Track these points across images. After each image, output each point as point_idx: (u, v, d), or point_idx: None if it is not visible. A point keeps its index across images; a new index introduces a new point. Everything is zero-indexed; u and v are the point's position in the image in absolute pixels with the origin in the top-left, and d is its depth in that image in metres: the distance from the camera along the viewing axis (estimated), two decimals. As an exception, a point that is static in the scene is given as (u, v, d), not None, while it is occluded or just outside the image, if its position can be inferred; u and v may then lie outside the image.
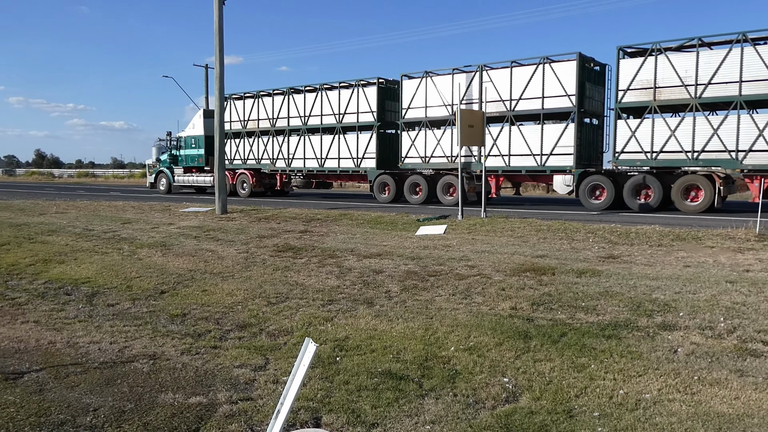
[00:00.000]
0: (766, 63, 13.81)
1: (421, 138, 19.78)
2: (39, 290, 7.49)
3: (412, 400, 3.95)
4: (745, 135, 14.22)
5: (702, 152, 14.80)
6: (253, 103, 25.09)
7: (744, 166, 14.26)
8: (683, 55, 15.09)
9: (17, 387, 4.22)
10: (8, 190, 32.62)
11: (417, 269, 8.07)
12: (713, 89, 14.58)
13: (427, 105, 19.47)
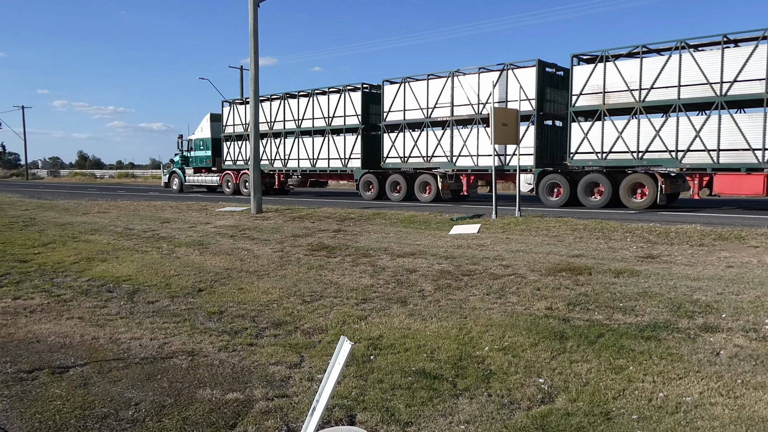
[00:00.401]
0: (702, 68, 14.70)
1: (401, 139, 21.18)
2: (83, 287, 7.73)
3: (446, 400, 3.94)
4: (683, 136, 15.20)
5: (646, 152, 15.83)
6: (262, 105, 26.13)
7: (683, 165, 15.25)
8: (629, 62, 16.02)
9: (63, 381, 4.37)
10: (53, 191, 33.73)
11: (451, 268, 8.04)
12: (655, 93, 15.52)
13: (405, 108, 20.81)
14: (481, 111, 18.71)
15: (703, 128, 14.90)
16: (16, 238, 12.14)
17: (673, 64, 15.16)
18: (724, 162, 14.62)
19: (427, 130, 20.33)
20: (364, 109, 22.31)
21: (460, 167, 19.53)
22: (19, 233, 12.94)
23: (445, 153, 19.94)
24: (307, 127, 24.26)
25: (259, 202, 16.54)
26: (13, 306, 6.74)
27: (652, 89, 15.57)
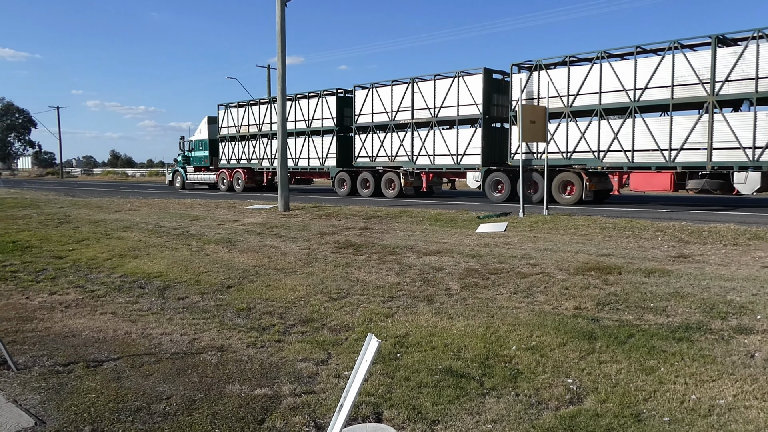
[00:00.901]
0: (619, 76, 16.14)
1: (369, 140, 22.97)
2: (115, 283, 7.90)
3: (473, 399, 3.93)
4: (604, 138, 16.67)
5: (574, 153, 17.30)
6: (245, 111, 28.88)
7: (604, 164, 16.78)
8: (559, 70, 17.45)
9: (97, 374, 4.48)
10: (87, 189, 34.52)
11: (477, 267, 8.01)
12: (581, 99, 17.00)
13: (373, 112, 22.65)
14: (437, 114, 20.46)
15: (620, 131, 16.36)
16: (51, 235, 12.47)
17: (595, 73, 16.62)
18: (637, 161, 16.12)
19: (391, 132, 22.07)
20: (339, 113, 24.18)
21: (420, 166, 21.37)
22: (54, 230, 13.29)
23: (407, 153, 21.67)
24: (291, 129, 25.61)
25: (287, 200, 16.68)
26: (49, 301, 6.93)
27: (579, 95, 17.02)
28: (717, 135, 14.66)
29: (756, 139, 14.05)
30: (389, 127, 22.10)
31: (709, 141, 14.81)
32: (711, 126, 14.75)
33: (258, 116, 28.19)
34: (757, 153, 14.04)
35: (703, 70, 14.80)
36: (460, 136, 19.99)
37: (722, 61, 14.47)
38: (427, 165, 21.09)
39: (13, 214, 17.22)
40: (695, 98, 14.95)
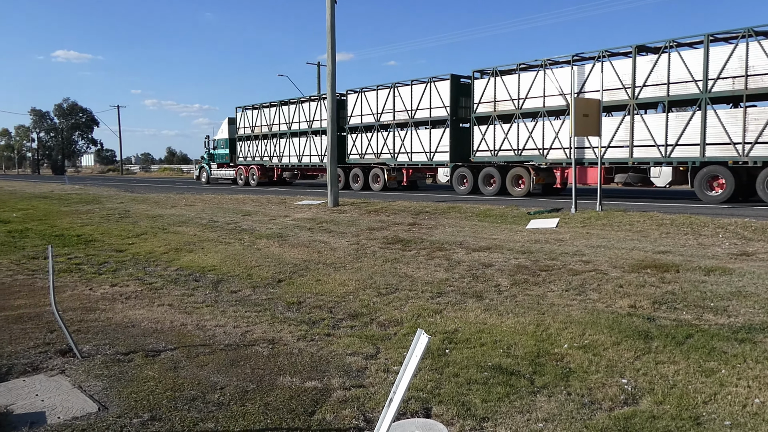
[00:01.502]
0: (559, 82, 18.08)
1: (359, 140, 25.62)
2: (172, 276, 8.17)
3: (523, 396, 3.88)
4: (547, 137, 18.57)
5: (523, 150, 19.31)
6: (258, 113, 31.79)
7: (547, 160, 18.63)
8: (511, 77, 19.57)
9: (155, 363, 4.65)
10: (145, 185, 35.80)
11: (528, 263, 7.88)
12: (529, 102, 19.01)
13: (362, 113, 25.30)
14: (413, 116, 22.92)
15: (560, 131, 18.20)
16: (112, 230, 13.00)
17: (540, 79, 18.65)
18: (578, 158, 17.67)
19: (377, 132, 24.77)
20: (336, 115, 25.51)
21: (400, 162, 23.95)
22: (115, 225, 13.85)
23: (390, 151, 24.29)
24: (295, 129, 29.08)
25: (336, 196, 16.84)
26: (110, 292, 7.23)
27: (527, 99, 19.06)
28: (637, 134, 16.58)
29: (668, 138, 15.94)
30: (375, 127, 24.74)
31: (630, 140, 16.70)
32: (632, 126, 16.60)
33: (269, 118, 30.93)
34: (669, 150, 15.93)
35: (625, 76, 16.60)
36: (432, 135, 22.41)
37: (641, 68, 16.28)
38: (406, 162, 23.71)
39: (78, 209, 18.04)
40: (620, 101, 16.78)
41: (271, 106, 30.70)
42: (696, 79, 15.23)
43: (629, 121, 16.58)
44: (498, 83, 19.82)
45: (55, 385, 4.21)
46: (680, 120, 15.72)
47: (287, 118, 29.60)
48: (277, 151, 30.52)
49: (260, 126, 31.55)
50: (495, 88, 19.92)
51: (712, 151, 15.17)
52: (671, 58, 15.60)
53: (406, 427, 3.41)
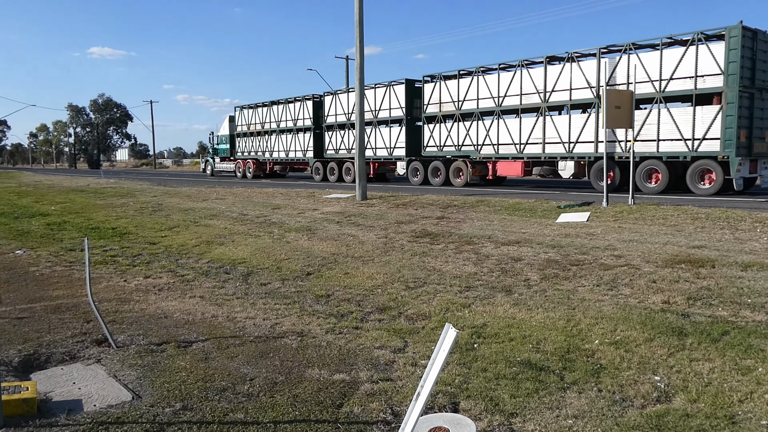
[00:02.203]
0: (489, 88, 20.65)
1: (335, 137, 28.35)
2: (203, 269, 8.30)
3: (552, 393, 3.84)
4: (480, 135, 21.18)
5: (462, 146, 21.92)
6: (253, 112, 34.65)
7: (480, 155, 21.23)
8: (452, 81, 22.04)
9: (187, 354, 4.73)
10: (177, 178, 36.40)
11: (558, 258, 7.78)
12: (466, 104, 21.55)
13: (336, 113, 28.06)
14: (377, 116, 25.62)
15: (490, 129, 20.84)
16: (146, 222, 13.27)
17: (474, 84, 21.18)
18: (501, 153, 20.59)
19: (347, 130, 27.30)
20: (315, 114, 29.69)
21: (367, 157, 24.91)
22: (148, 218, 14.12)
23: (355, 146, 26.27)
24: (283, 127, 32.02)
25: (364, 190, 16.87)
26: (144, 284, 7.39)
27: (465, 101, 21.60)
28: (548, 133, 19.03)
29: (570, 136, 18.34)
30: (347, 126, 27.29)
31: (543, 137, 19.18)
32: (544, 126, 19.06)
33: (262, 116, 33.91)
34: (571, 147, 18.36)
35: (539, 83, 19.05)
36: (391, 133, 25.18)
37: (550, 75, 18.74)
38: (372, 156, 25.96)
39: (113, 202, 18.45)
40: (534, 104, 19.30)
41: (263, 106, 33.67)
42: (591, 86, 17.63)
43: (541, 121, 19.10)
44: (443, 87, 22.37)
45: (92, 374, 4.32)
46: (579, 121, 18.17)
47: (276, 117, 32.62)
48: (268, 146, 33.52)
49: (254, 124, 34.62)
50: (440, 92, 22.52)
51: (603, 147, 15.92)
52: (573, 68, 18.09)
53: (434, 421, 3.41)
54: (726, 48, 14.68)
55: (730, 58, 14.63)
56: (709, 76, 15.11)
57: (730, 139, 14.82)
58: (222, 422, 3.52)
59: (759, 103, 15.57)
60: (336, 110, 27.99)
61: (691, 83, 15.47)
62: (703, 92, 15.32)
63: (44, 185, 29.91)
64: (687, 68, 15.52)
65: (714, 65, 14.99)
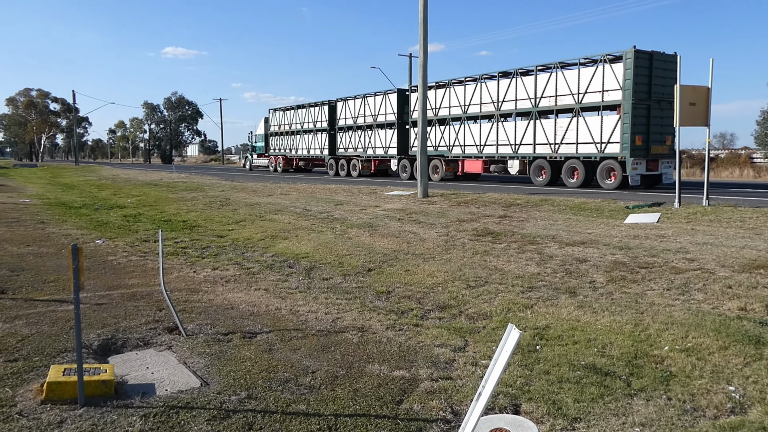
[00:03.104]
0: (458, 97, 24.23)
1: (344, 137, 32.49)
2: (268, 262, 8.53)
3: (619, 399, 3.73)
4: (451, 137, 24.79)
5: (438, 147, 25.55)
6: (282, 114, 39.54)
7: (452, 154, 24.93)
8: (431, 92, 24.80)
9: (252, 345, 4.88)
10: (243, 174, 37.49)
11: (626, 260, 7.52)
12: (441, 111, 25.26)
13: (346, 117, 32.21)
14: (376, 120, 29.65)
15: (458, 132, 24.38)
16: (214, 216, 13.74)
17: (447, 94, 24.78)
18: (467, 153, 24.16)
19: (354, 132, 31.71)
20: (330, 117, 34.12)
21: (368, 155, 30.41)
22: (216, 212, 14.63)
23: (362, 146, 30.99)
24: (306, 128, 36.47)
25: (426, 187, 16.84)
26: (212, 276, 7.67)
27: (440, 108, 25.22)
28: (500, 137, 22.36)
29: (516, 138, 21.69)
30: (352, 128, 31.65)
31: (496, 140, 22.58)
32: (497, 131, 22.42)
33: (289, 118, 38.54)
34: (517, 148, 21.69)
35: (493, 94, 22.46)
36: (387, 135, 28.75)
37: (502, 88, 22.11)
38: (372, 154, 30.10)
39: (183, 196, 19.21)
40: (490, 112, 22.72)
41: (291, 109, 38.46)
42: (530, 97, 20.87)
43: (495, 127, 22.56)
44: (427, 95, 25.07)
45: (163, 360, 4.54)
46: (522, 127, 21.36)
47: (301, 119, 37.14)
48: (294, 145, 38.19)
49: (283, 124, 39.33)
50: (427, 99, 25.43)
51: (539, 149, 20.89)
52: (518, 82, 21.34)
53: (495, 422, 3.38)
54: (623, 68, 17.79)
55: (626, 76, 17.72)
56: (612, 91, 18.22)
57: (626, 143, 17.86)
58: (285, 413, 3.61)
59: (657, 113, 18.32)
60: (345, 114, 32.15)
61: (599, 96, 18.62)
62: (608, 104, 18.54)
63: (121, 179, 31.49)
64: (597, 84, 18.65)
65: (615, 82, 18.09)
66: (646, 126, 18.19)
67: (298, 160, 38.47)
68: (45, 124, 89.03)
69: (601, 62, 18.41)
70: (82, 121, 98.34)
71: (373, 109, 29.67)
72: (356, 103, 31.02)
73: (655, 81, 18.15)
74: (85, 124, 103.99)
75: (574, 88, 19.29)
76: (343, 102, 32.20)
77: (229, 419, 3.51)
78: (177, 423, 3.46)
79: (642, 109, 18.00)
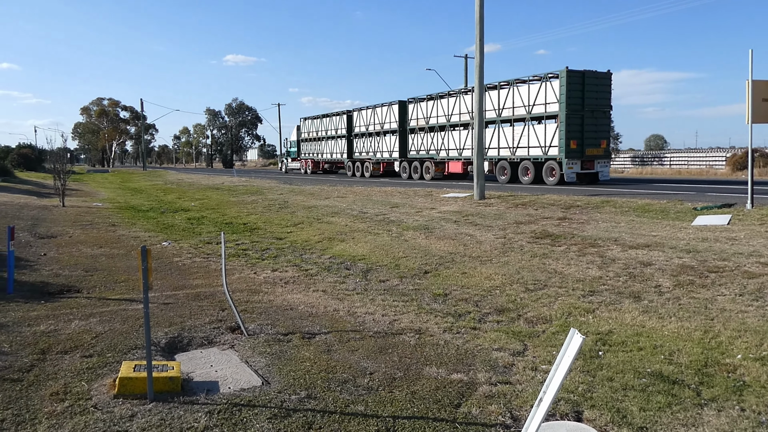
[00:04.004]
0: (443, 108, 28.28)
1: (359, 143, 36.82)
2: (325, 264, 8.65)
3: (687, 408, 3.57)
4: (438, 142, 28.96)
5: (429, 150, 29.71)
6: (310, 122, 44.42)
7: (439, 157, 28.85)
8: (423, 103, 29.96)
9: (311, 345, 4.96)
10: (301, 177, 38.16)
11: (693, 263, 7.21)
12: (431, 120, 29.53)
13: (360, 125, 36.50)
14: (383, 128, 33.76)
15: (443, 139, 28.32)
16: (273, 219, 14.06)
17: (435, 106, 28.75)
18: (450, 156, 27.92)
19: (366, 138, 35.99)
20: (348, 125, 38.08)
21: (378, 158, 34.61)
22: (275, 214, 14.96)
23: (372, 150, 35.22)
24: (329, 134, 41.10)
25: (482, 189, 16.67)
26: (272, 277, 7.84)
27: (430, 118, 29.31)
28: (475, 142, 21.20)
29: (485, 143, 23.93)
30: (365, 134, 35.86)
31: (471, 145, 24.59)
32: (472, 137, 21.86)
33: (315, 126, 43.37)
34: (486, 151, 24.18)
35: (469, 105, 25.86)
36: (391, 140, 32.99)
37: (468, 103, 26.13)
38: (380, 157, 34.23)
39: (244, 199, 19.75)
40: (466, 121, 26.24)
41: (317, 118, 43.43)
42: (495, 108, 24.60)
43: (470, 134, 25.31)
44: (418, 107, 30.19)
45: (226, 359, 4.67)
46: (489, 133, 24.69)
47: (325, 127, 41.75)
48: (320, 149, 42.96)
49: (311, 131, 44.30)
50: (417, 111, 30.33)
51: (502, 152, 24.57)
52: (491, 95, 24.59)
53: (556, 428, 3.31)
54: (559, 84, 21.33)
55: (560, 91, 21.27)
56: (552, 104, 21.81)
57: (563, 147, 21.32)
58: (344, 413, 3.65)
59: (591, 121, 21.73)
60: (360, 123, 36.37)
61: (543, 108, 22.24)
62: (549, 114, 22.05)
63: (185, 183, 32.67)
64: (541, 98, 22.24)
65: (554, 96, 21.67)
66: (580, 132, 21.54)
67: (324, 163, 43.19)
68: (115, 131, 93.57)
69: (545, 80, 22.10)
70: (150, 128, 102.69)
71: (381, 117, 33.90)
72: (368, 112, 35.40)
73: (587, 95, 21.53)
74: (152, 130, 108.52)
75: (525, 101, 23.06)
76: (358, 112, 36.82)
77: (289, 418, 3.58)
78: (240, 420, 3.55)
79: (576, 118, 21.38)
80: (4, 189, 23.34)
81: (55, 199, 19.50)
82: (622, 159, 45.29)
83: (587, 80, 21.47)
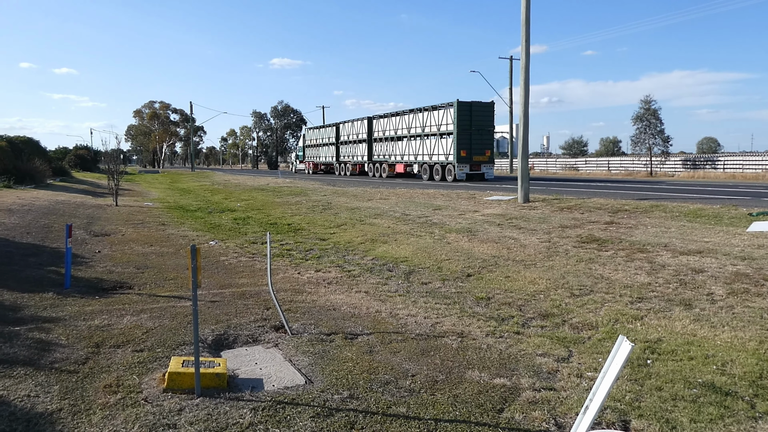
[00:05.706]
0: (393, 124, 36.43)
1: (344, 148, 43.82)
2: (368, 265, 8.70)
3: (741, 421, 3.45)
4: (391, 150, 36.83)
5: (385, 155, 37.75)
6: (313, 131, 52.82)
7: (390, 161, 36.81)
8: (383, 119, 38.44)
9: (353, 346, 5.00)
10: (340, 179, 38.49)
11: (749, 271, 6.94)
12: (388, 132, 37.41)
13: (346, 134, 43.91)
14: (357, 137, 41.42)
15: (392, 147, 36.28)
16: (317, 220, 14.22)
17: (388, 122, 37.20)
18: (396, 160, 35.64)
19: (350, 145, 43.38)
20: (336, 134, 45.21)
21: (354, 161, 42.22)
22: (319, 215, 15.12)
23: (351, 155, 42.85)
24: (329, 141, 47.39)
25: (527, 192, 16.44)
26: (315, 277, 7.94)
27: (385, 131, 37.15)
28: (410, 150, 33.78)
29: (416, 151, 33.28)
30: (349, 142, 43.08)
31: (408, 152, 34.07)
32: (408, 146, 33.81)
33: (316, 134, 51.24)
34: (416, 157, 33.36)
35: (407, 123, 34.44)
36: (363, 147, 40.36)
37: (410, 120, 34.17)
38: (356, 161, 41.67)
39: (288, 200, 20.04)
40: (405, 134, 34.42)
41: (317, 128, 51.87)
42: (421, 125, 32.63)
43: (407, 144, 34.24)
44: (379, 122, 38.17)
45: (270, 357, 4.76)
46: (417, 144, 32.82)
47: (322, 135, 49.26)
48: (317, 154, 50.53)
49: (312, 138, 52.26)
50: (378, 125, 38.36)
51: (425, 158, 32.33)
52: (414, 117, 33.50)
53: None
54: (453, 111, 29.48)
55: (454, 116, 29.46)
56: (450, 124, 29.97)
57: (455, 154, 29.42)
58: (385, 414, 3.67)
59: (477, 137, 29.80)
60: (344, 133, 44.13)
61: (446, 127, 30.34)
62: (450, 132, 29.96)
63: (232, 184, 33.38)
64: (445, 120, 30.39)
65: (451, 119, 29.87)
66: (468, 144, 29.78)
67: (321, 164, 50.83)
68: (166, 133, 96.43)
69: (446, 107, 30.34)
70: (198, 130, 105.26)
71: (356, 129, 41.55)
72: (348, 125, 43.28)
73: (474, 118, 29.76)
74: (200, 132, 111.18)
75: (436, 121, 31.39)
76: (342, 124, 44.71)
77: (331, 417, 3.62)
78: (283, 418, 3.61)
79: (465, 135, 29.63)
80: (61, 188, 24.37)
81: (109, 198, 20.25)
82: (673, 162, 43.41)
83: (474, 108, 29.91)
